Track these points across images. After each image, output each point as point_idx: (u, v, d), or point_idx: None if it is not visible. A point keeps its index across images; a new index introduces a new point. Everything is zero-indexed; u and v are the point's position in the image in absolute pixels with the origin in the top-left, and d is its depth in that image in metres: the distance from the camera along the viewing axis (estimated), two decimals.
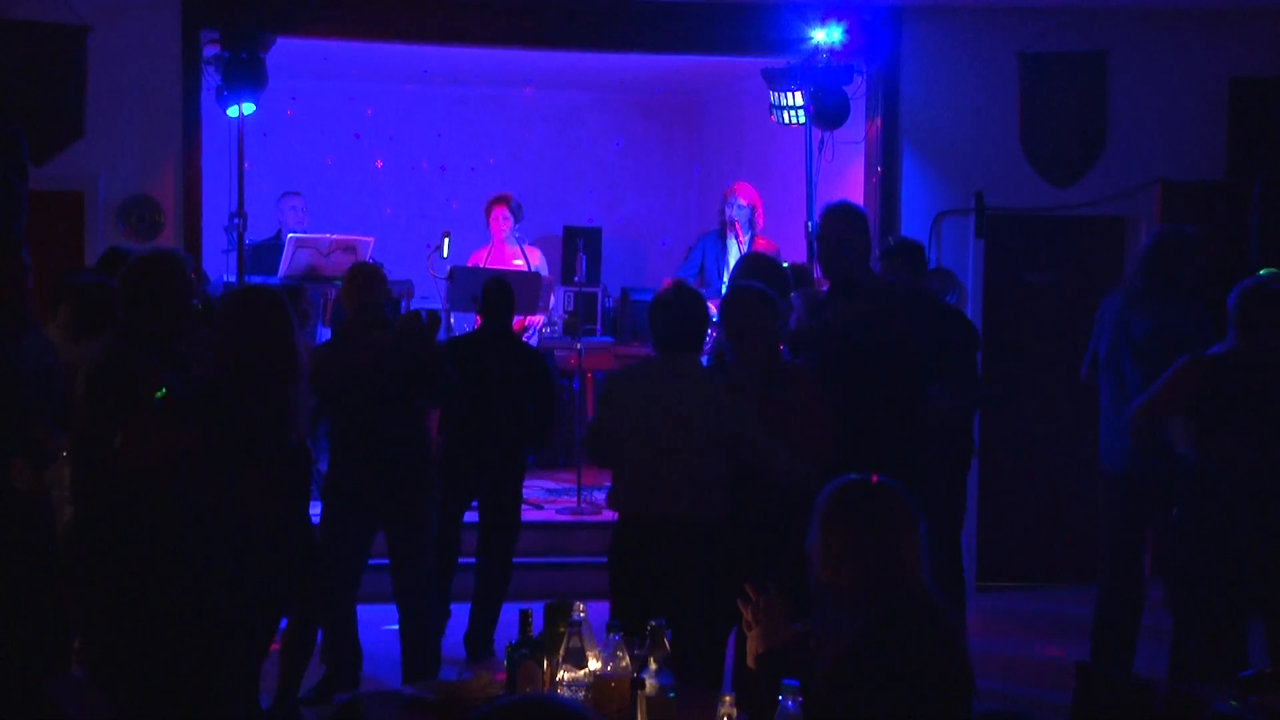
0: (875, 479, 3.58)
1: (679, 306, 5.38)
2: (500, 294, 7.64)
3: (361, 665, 6.80)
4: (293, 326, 5.03)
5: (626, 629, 3.90)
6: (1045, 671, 7.29)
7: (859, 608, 3.45)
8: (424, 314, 6.63)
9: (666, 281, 7.38)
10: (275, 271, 9.50)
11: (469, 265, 9.80)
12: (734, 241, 9.70)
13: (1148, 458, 6.39)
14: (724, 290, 9.23)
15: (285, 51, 8.94)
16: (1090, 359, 6.98)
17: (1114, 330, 6.72)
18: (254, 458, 4.78)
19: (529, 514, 9.34)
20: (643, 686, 3.70)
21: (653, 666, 3.72)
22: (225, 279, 9.20)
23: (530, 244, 10.27)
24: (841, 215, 5.95)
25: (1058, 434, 9.03)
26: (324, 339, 8.96)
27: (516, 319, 9.43)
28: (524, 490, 9.73)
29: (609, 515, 9.29)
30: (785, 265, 7.40)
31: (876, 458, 4.66)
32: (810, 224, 9.05)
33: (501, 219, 9.86)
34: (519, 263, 9.98)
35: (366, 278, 6.70)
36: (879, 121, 9.21)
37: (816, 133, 9.10)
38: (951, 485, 6.93)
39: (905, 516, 3.51)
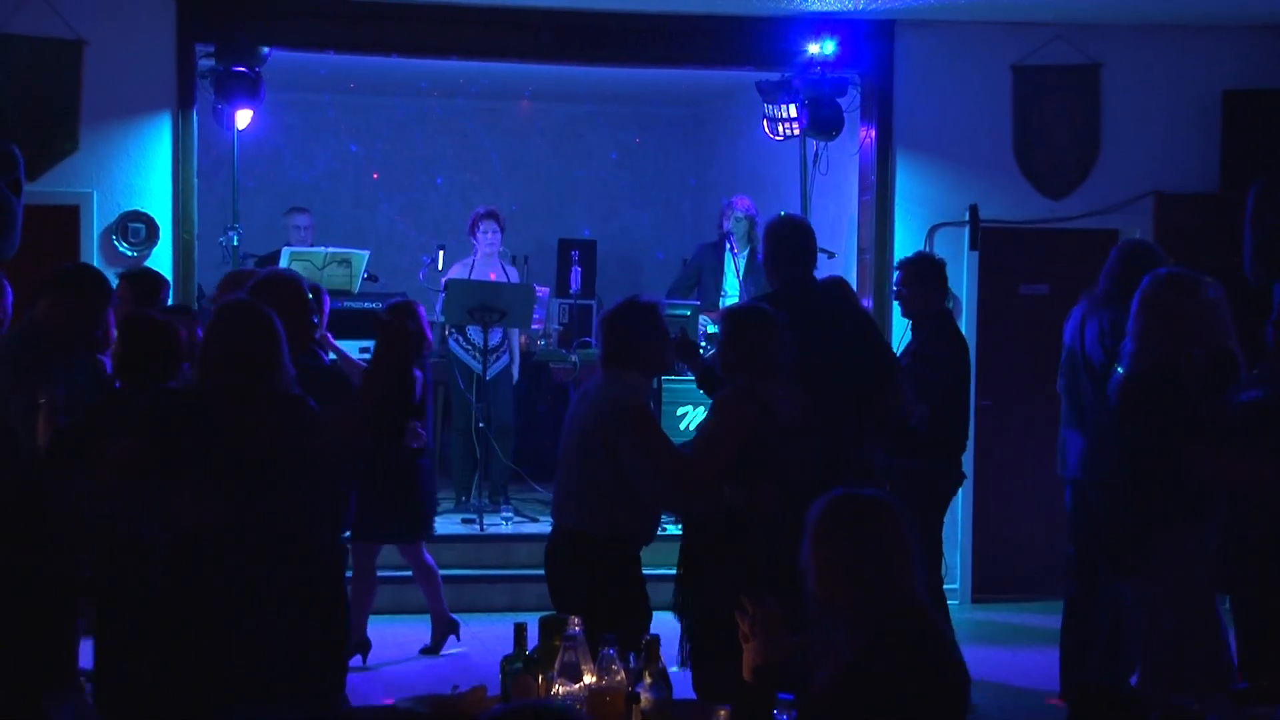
0: (867, 493, 3.59)
1: (612, 321, 5.41)
2: None
3: None
4: (274, 345, 4.92)
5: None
6: (1040, 685, 7.29)
7: (855, 622, 3.44)
8: None
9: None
10: None
11: (449, 279, 9.76)
12: (729, 255, 9.71)
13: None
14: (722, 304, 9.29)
15: (280, 65, 8.95)
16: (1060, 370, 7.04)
17: (1071, 339, 6.79)
18: (203, 468, 4.72)
19: (525, 526, 9.37)
20: (638, 700, 3.70)
21: (648, 680, 3.72)
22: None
23: (510, 263, 10.21)
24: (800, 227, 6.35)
25: (1051, 447, 9.00)
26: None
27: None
28: (520, 503, 9.80)
29: None
30: None
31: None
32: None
33: (492, 233, 9.80)
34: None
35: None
36: (873, 134, 9.22)
37: (811, 145, 9.12)
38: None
39: (898, 530, 3.51)
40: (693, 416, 9.09)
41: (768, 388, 5.28)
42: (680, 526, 5.46)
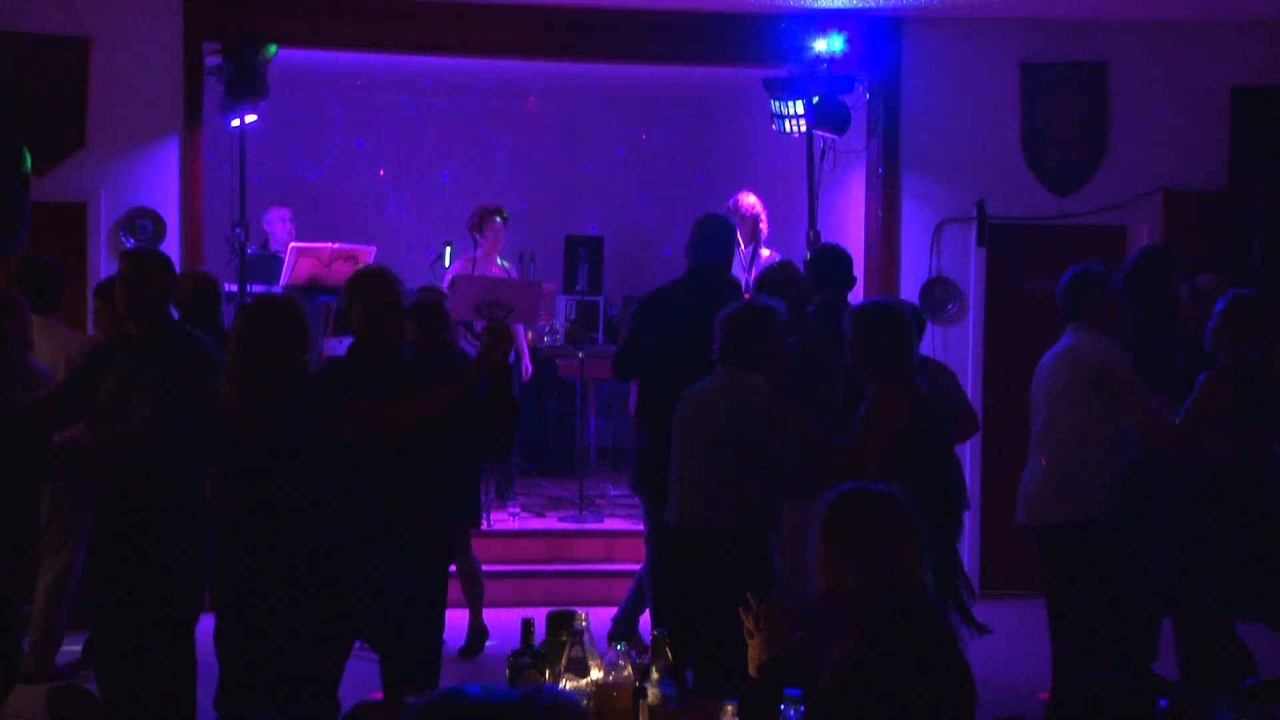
0: (878, 487, 3.59)
1: (730, 323, 5.45)
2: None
3: None
4: (290, 339, 5.01)
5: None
6: (1049, 680, 7.27)
7: (861, 616, 3.44)
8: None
9: None
10: (277, 281, 9.51)
11: (456, 275, 9.73)
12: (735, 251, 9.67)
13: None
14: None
15: (287, 62, 8.95)
16: None
17: None
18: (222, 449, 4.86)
19: (531, 522, 9.38)
20: (645, 696, 3.70)
21: (655, 676, 3.72)
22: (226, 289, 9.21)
23: (509, 261, 10.18)
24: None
25: None
26: (329, 350, 8.98)
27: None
28: (527, 499, 9.80)
29: (611, 523, 9.33)
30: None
31: None
32: (813, 232, 9.06)
33: (501, 230, 9.77)
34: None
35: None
36: (880, 130, 9.21)
37: (818, 142, 9.11)
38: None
39: (906, 523, 3.51)
40: None
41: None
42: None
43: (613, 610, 7.70)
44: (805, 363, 6.02)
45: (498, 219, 9.68)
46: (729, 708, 3.56)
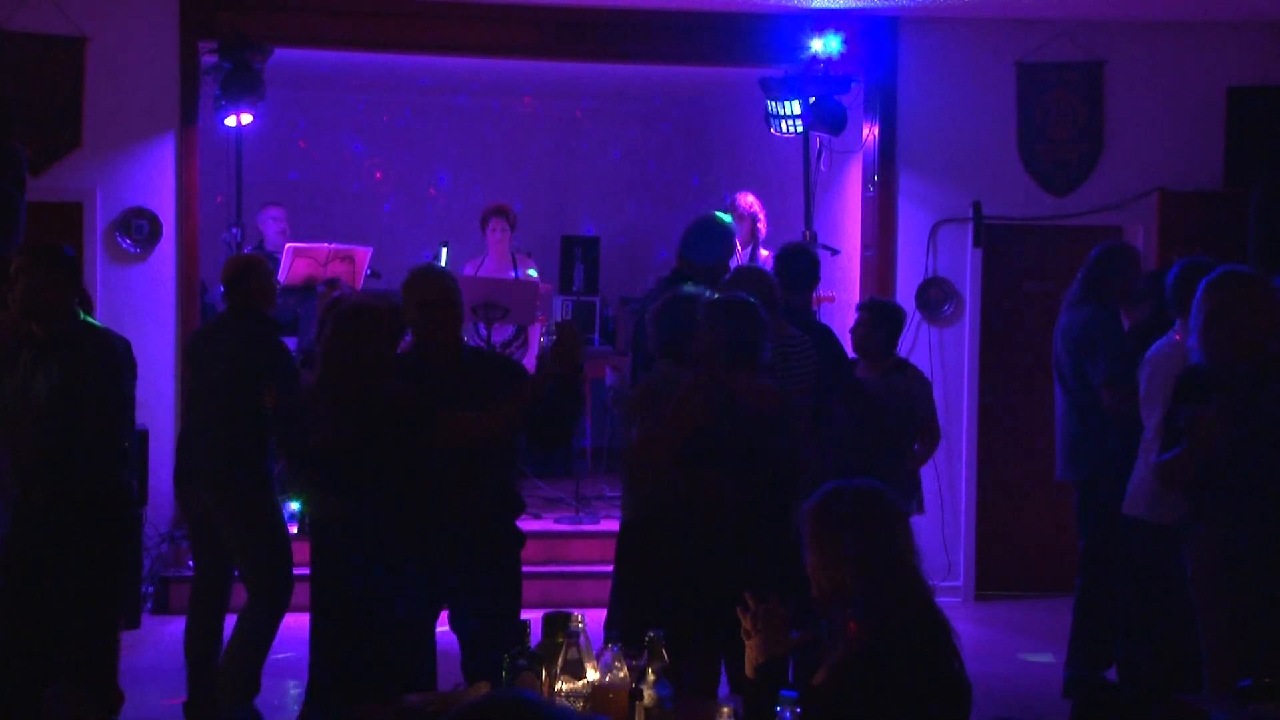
0: (858, 482, 3.59)
1: (655, 316, 5.48)
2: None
3: None
4: (382, 355, 5.03)
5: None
6: (1043, 681, 7.28)
7: (867, 609, 3.44)
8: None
9: None
10: None
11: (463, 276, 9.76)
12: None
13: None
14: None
15: (284, 62, 8.95)
16: None
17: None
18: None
19: (528, 523, 9.36)
20: (641, 697, 3.70)
21: (651, 677, 3.72)
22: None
23: (523, 253, 10.19)
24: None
25: (1055, 443, 9.01)
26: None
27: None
28: (523, 498, 9.77)
29: (607, 524, 9.31)
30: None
31: None
32: (809, 233, 9.06)
33: (501, 230, 9.79)
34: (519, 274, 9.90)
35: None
36: (876, 130, 9.21)
37: (814, 142, 9.11)
38: None
39: (892, 510, 3.51)
40: None
41: (736, 378, 5.17)
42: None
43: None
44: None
45: (497, 219, 9.72)
46: (725, 709, 3.56)
